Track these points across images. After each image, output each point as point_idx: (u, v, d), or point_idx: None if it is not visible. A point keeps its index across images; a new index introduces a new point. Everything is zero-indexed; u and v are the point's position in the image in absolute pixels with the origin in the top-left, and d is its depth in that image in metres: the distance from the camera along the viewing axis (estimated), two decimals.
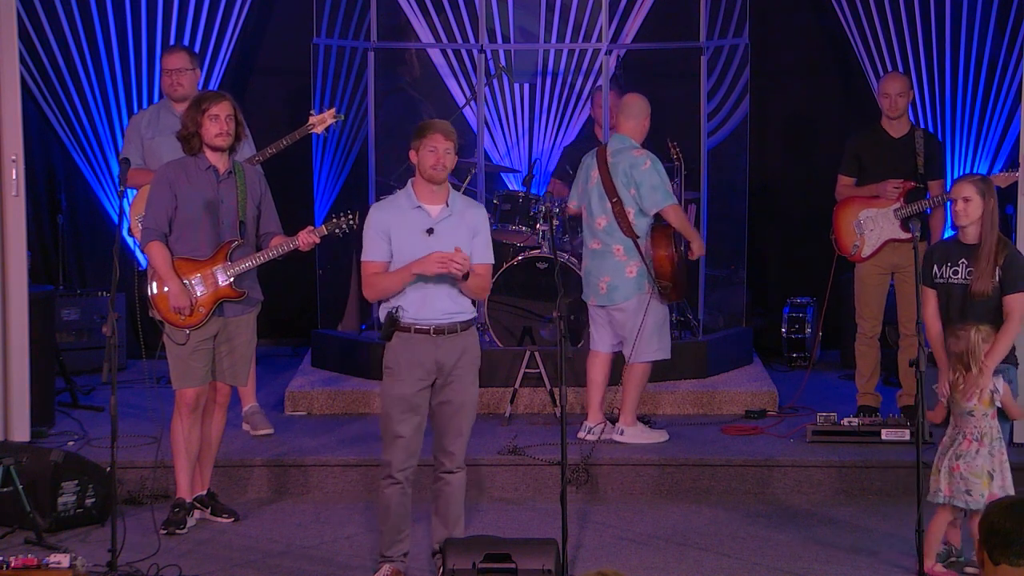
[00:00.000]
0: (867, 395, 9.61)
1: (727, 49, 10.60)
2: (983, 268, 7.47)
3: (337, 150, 10.98)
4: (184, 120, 7.96)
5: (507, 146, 11.34)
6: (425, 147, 7.18)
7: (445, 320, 7.18)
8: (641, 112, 9.10)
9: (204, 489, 8.26)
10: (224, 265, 7.94)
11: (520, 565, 6.97)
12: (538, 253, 9.95)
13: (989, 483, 7.22)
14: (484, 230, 7.33)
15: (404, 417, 7.18)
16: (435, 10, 10.97)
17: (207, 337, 7.99)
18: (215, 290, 7.95)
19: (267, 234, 8.07)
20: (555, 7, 11.03)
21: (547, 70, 11.24)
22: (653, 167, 8.97)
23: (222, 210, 7.92)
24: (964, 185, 7.53)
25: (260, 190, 8.07)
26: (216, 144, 7.88)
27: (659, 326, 9.08)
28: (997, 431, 7.31)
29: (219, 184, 7.92)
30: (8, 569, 6.85)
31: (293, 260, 11.22)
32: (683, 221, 9.09)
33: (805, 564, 7.66)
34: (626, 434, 9.07)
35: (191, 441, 8.09)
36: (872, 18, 10.85)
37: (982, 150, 10.88)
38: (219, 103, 7.88)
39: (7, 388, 8.92)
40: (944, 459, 7.32)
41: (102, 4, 10.88)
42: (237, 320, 8.05)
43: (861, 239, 9.42)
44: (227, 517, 8.23)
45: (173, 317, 7.92)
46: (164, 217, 7.88)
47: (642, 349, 9.03)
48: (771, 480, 8.75)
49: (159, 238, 7.91)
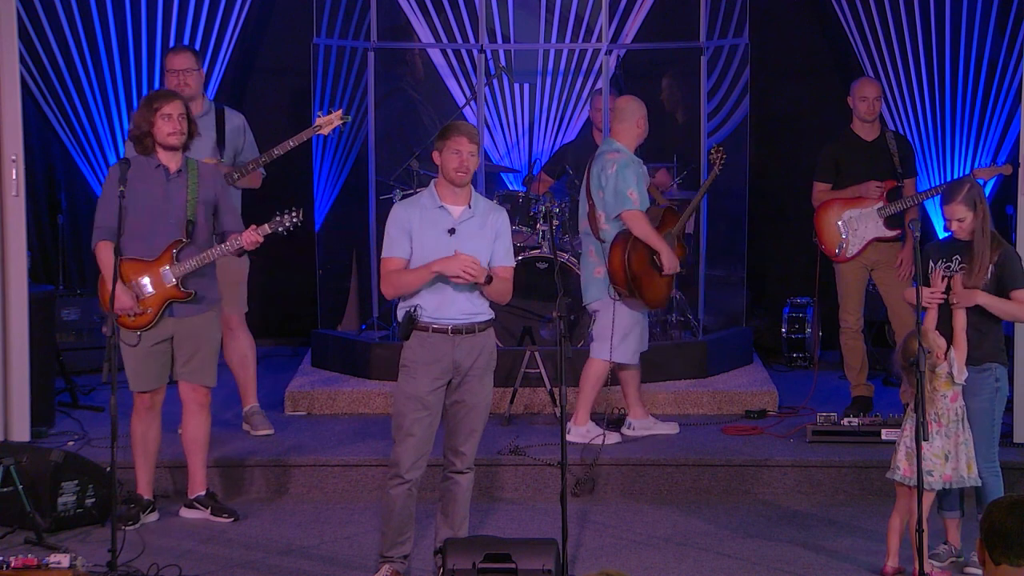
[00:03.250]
0: (860, 386, 9.73)
1: (727, 49, 10.61)
2: (976, 265, 7.47)
3: (337, 150, 10.98)
4: (136, 120, 7.92)
5: (507, 146, 11.34)
6: (449, 149, 7.16)
7: (463, 320, 7.18)
8: (633, 115, 9.08)
9: (203, 490, 8.25)
10: (171, 266, 7.89)
11: (520, 565, 6.97)
12: (538, 253, 9.95)
13: (945, 463, 7.28)
14: (506, 233, 7.31)
15: (417, 416, 7.18)
16: (435, 10, 10.97)
17: (161, 340, 7.95)
18: (162, 291, 7.90)
19: (225, 233, 8.00)
20: (555, 7, 11.03)
21: (547, 70, 11.23)
22: (619, 172, 8.92)
23: (170, 209, 7.86)
24: (955, 208, 7.48)
25: (216, 190, 8.01)
26: (169, 143, 7.85)
27: (624, 330, 9.05)
28: (955, 414, 7.35)
29: (168, 183, 7.87)
30: (8, 569, 6.85)
31: (293, 260, 11.31)
32: (644, 230, 8.97)
33: (805, 564, 7.66)
34: (572, 433, 9.05)
35: (148, 440, 8.11)
36: (872, 18, 10.85)
37: (982, 150, 10.88)
38: (171, 102, 7.86)
39: (7, 388, 8.93)
40: (902, 437, 7.38)
41: (102, 4, 10.87)
42: (191, 320, 7.99)
43: (846, 240, 9.51)
44: (227, 517, 8.23)
45: (121, 318, 7.90)
46: (114, 217, 7.78)
47: (599, 347, 9.06)
48: (771, 480, 8.75)
49: (108, 238, 7.83)
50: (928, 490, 7.24)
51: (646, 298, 9.03)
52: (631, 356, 9.12)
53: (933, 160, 10.91)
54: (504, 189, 10.88)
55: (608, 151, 9.04)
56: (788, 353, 11.05)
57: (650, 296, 9.06)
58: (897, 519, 7.47)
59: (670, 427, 9.24)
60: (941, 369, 7.34)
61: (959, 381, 7.36)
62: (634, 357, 9.15)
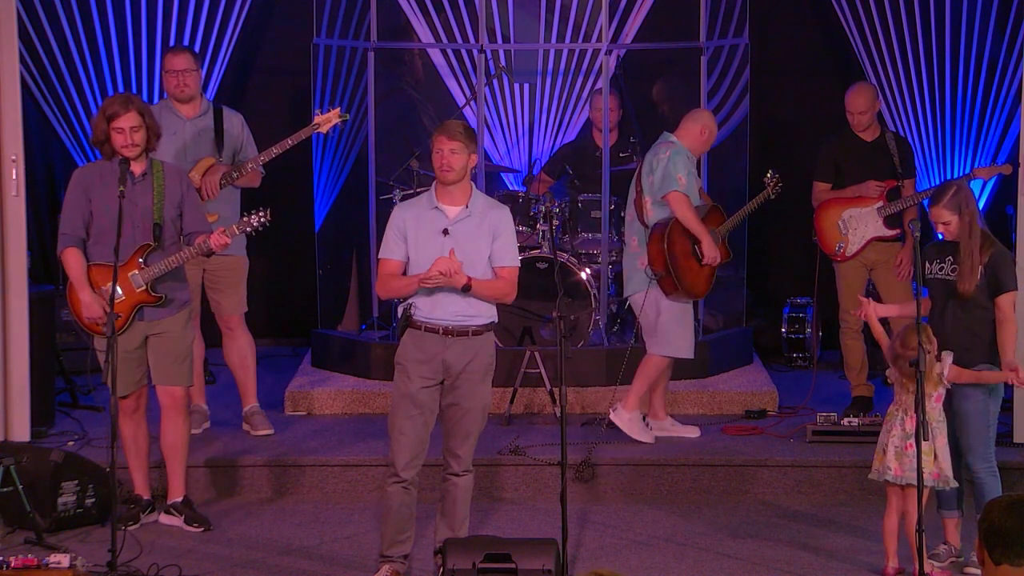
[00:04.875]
0: (860, 386, 9.72)
1: (727, 49, 10.60)
2: (966, 267, 7.48)
3: (337, 150, 10.97)
4: (93, 126, 7.84)
5: (507, 146, 11.34)
6: (434, 149, 7.17)
7: (455, 322, 7.16)
8: (701, 121, 9.12)
9: (180, 496, 8.15)
10: (139, 270, 7.82)
11: (520, 565, 6.97)
12: (538, 253, 9.95)
13: (934, 461, 7.28)
14: (506, 232, 7.24)
15: (409, 414, 7.18)
16: (435, 10, 10.96)
17: (134, 346, 7.88)
18: (132, 296, 7.84)
19: (191, 234, 7.91)
20: (555, 7, 11.03)
21: (547, 70, 11.23)
22: (672, 157, 8.94)
23: (136, 213, 7.77)
24: (939, 211, 7.51)
25: (181, 191, 7.92)
26: (124, 155, 7.74)
27: (672, 322, 9.02)
28: (940, 414, 7.36)
29: (133, 187, 7.77)
30: (8, 569, 6.85)
31: (293, 260, 11.31)
32: (686, 213, 8.94)
33: (805, 564, 7.66)
34: (618, 414, 9.03)
35: (138, 441, 8.10)
36: (872, 18, 10.84)
37: (982, 150, 10.87)
38: (124, 115, 7.72)
39: (7, 388, 8.92)
40: (889, 437, 7.37)
41: (102, 4, 10.86)
42: (161, 323, 7.92)
43: (845, 239, 9.53)
44: (198, 527, 8.10)
45: (91, 326, 7.86)
46: (79, 222, 7.75)
47: (656, 342, 9.03)
48: (771, 480, 8.75)
49: (74, 244, 7.79)
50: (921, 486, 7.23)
51: (684, 283, 8.95)
52: (687, 350, 9.08)
53: (933, 160, 10.91)
54: (504, 189, 10.88)
55: (665, 141, 9.07)
56: (788, 353, 11.04)
57: (688, 282, 8.98)
58: (892, 521, 7.45)
59: (647, 436, 9.08)
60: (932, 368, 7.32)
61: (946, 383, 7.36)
62: (690, 351, 9.10)
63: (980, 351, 7.48)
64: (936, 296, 7.63)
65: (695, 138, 9.11)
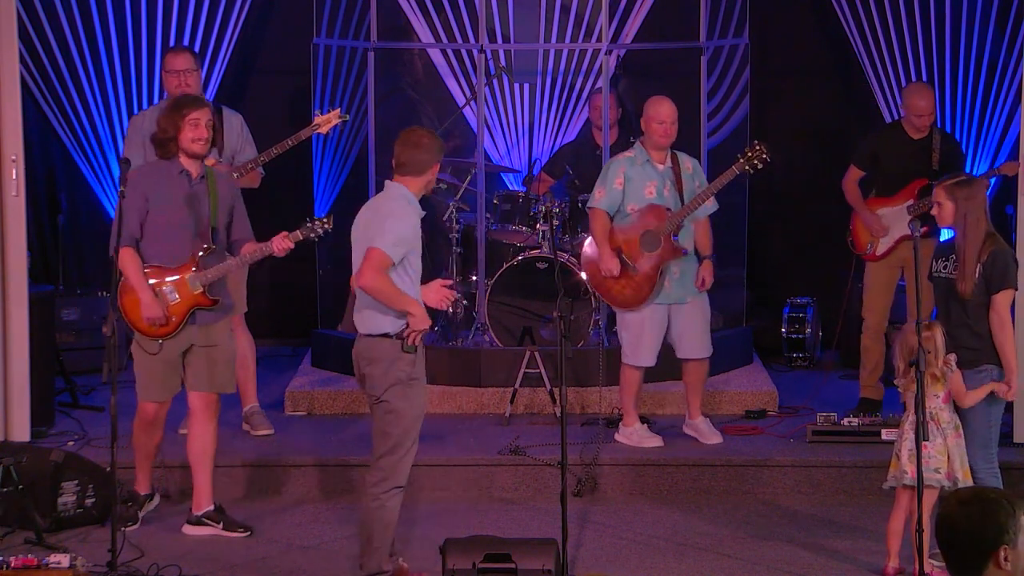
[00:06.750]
0: (869, 387, 9.67)
1: (727, 49, 10.61)
2: (965, 266, 7.47)
3: (337, 150, 10.98)
4: (162, 123, 7.78)
5: (507, 146, 11.34)
6: None
7: None
8: (643, 118, 9.06)
9: (211, 504, 8.08)
10: (197, 272, 7.79)
11: (520, 565, 6.98)
12: (538, 253, 9.95)
13: (948, 462, 7.29)
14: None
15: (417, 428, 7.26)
16: (435, 10, 10.97)
17: (180, 350, 7.85)
18: (188, 298, 7.81)
19: (238, 241, 7.92)
20: (555, 7, 11.03)
21: (547, 70, 11.23)
22: (603, 170, 9.03)
23: (194, 215, 7.77)
24: (937, 191, 7.55)
25: (232, 196, 7.93)
26: (193, 150, 7.73)
27: (624, 330, 9.07)
28: (949, 414, 7.36)
29: (191, 189, 7.78)
30: (8, 569, 6.85)
31: (293, 260, 11.26)
32: (591, 227, 9.04)
33: (805, 564, 7.66)
34: (621, 432, 9.08)
35: (151, 447, 8.06)
36: (872, 18, 10.85)
37: (982, 150, 10.88)
38: (200, 109, 7.75)
39: (7, 388, 8.93)
40: (904, 443, 7.36)
41: (102, 4, 10.87)
42: (209, 328, 7.88)
43: (875, 238, 9.49)
44: (241, 531, 8.03)
45: (145, 327, 7.79)
46: (136, 222, 7.72)
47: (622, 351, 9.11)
48: (771, 480, 8.75)
49: (131, 244, 7.75)
50: (935, 487, 7.23)
51: (614, 299, 9.06)
52: (644, 357, 9.05)
53: None
54: (504, 189, 10.88)
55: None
56: (788, 353, 11.05)
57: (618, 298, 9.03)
58: (899, 521, 7.44)
59: (654, 439, 9.06)
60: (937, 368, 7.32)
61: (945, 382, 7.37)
62: (647, 358, 9.07)
63: (984, 351, 7.46)
64: (940, 295, 7.62)
65: (648, 135, 9.00)
